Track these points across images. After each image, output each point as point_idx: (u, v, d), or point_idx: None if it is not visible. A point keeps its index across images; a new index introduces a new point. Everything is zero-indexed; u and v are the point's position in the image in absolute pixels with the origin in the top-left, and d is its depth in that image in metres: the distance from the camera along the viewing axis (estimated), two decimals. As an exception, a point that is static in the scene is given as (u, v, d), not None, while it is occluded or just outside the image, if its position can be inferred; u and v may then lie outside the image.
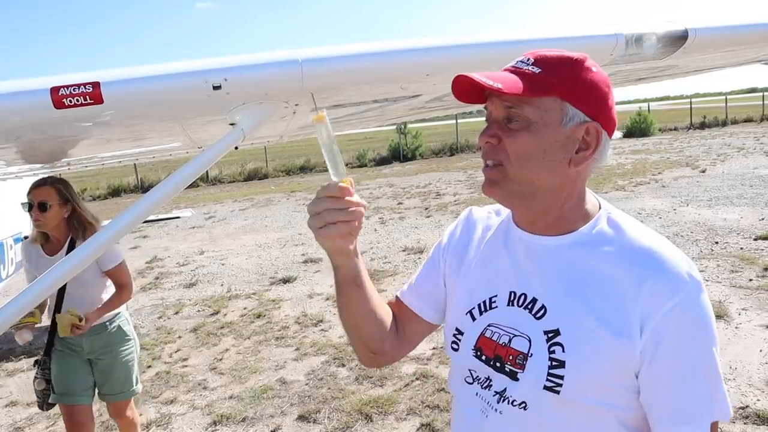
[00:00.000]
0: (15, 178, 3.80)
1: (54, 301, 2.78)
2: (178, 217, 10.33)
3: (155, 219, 9.13)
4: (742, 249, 6.40)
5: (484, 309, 1.03)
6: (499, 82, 0.89)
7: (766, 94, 32.10)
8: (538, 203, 0.96)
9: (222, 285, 6.99)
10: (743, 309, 4.70)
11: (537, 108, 0.91)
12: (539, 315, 0.95)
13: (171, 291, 6.96)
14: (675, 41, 1.41)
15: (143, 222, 4.22)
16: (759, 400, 3.36)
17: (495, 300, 1.02)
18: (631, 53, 1.39)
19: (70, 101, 1.05)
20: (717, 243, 6.76)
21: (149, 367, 4.66)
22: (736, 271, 5.66)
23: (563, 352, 0.90)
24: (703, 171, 12.89)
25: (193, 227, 11.44)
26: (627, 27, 1.36)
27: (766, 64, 2.12)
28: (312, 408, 3.73)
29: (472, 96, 0.96)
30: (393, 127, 24.35)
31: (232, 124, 1.29)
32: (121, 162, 4.17)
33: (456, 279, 1.12)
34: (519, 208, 1.01)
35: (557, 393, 0.90)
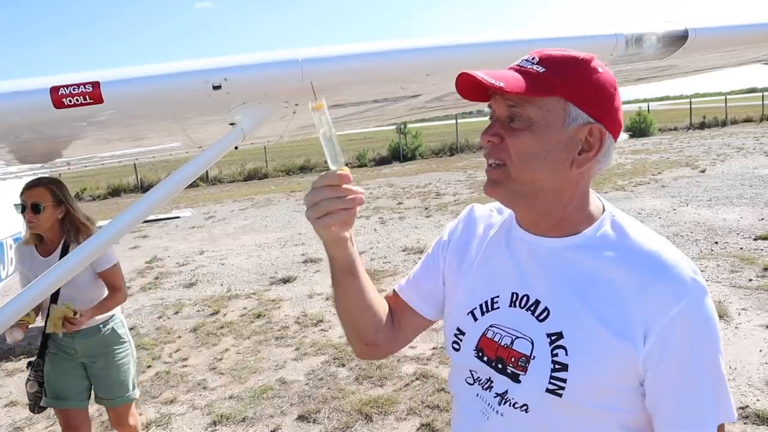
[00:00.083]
0: (15, 177, 3.79)
1: (48, 303, 2.74)
2: (177, 217, 10.34)
3: (155, 219, 9.13)
4: (741, 249, 6.40)
5: (486, 309, 1.02)
6: (502, 80, 0.89)
7: (765, 94, 32.12)
8: (539, 204, 0.95)
9: (222, 285, 6.99)
10: (743, 309, 4.70)
11: (539, 108, 0.90)
12: (542, 317, 0.94)
13: (171, 291, 6.95)
14: (675, 41, 1.41)
15: (143, 222, 4.21)
16: (759, 400, 3.36)
17: (497, 300, 1.01)
18: (631, 53, 1.39)
19: (69, 101, 1.05)
20: (717, 243, 6.76)
21: (149, 367, 4.66)
22: (735, 271, 5.67)
23: (566, 355, 0.90)
24: (703, 171, 12.89)
25: (193, 227, 11.43)
26: (627, 27, 1.36)
27: (765, 64, 2.12)
28: (312, 408, 3.73)
29: (476, 94, 0.95)
30: (393, 127, 24.34)
31: (232, 123, 1.29)
32: (121, 162, 4.16)
33: (456, 278, 1.11)
34: (521, 208, 1.00)
35: (560, 396, 0.90)
